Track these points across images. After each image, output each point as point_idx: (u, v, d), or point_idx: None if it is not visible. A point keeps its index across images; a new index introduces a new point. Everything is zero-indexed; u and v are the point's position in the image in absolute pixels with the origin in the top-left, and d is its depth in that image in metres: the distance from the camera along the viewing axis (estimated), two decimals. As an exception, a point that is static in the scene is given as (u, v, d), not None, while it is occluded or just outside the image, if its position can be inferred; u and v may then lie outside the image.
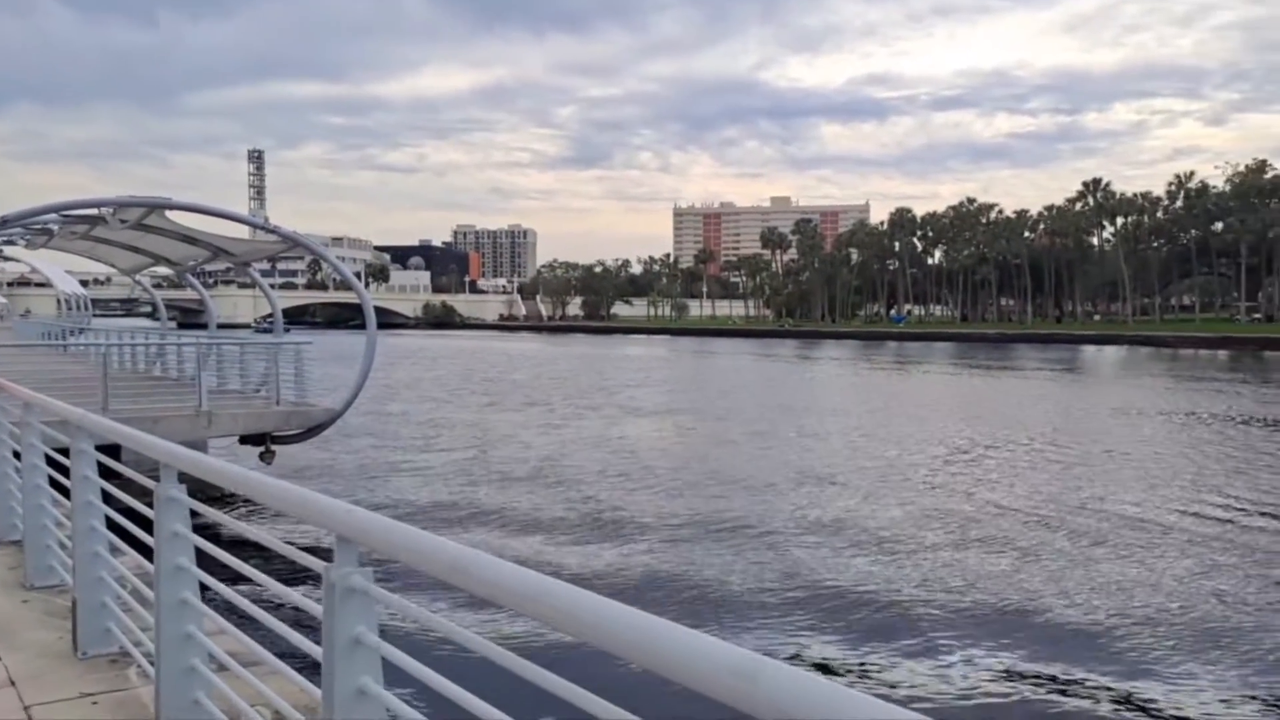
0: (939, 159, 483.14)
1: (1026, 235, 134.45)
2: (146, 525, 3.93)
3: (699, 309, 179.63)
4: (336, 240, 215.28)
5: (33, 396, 6.18)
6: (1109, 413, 35.12)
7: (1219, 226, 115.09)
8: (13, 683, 4.40)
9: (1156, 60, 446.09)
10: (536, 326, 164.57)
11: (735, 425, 31.51)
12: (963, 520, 17.13)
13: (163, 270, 29.72)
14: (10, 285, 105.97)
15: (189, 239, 20.64)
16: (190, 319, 68.28)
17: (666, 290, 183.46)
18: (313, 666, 2.52)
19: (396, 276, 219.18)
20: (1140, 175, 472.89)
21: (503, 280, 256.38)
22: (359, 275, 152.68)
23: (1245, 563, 14.34)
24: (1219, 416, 33.63)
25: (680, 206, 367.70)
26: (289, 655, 3.14)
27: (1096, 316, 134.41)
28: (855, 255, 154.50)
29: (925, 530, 16.37)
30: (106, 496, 4.91)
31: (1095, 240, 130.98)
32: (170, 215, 18.58)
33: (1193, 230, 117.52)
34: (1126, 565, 14.12)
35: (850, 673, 10.03)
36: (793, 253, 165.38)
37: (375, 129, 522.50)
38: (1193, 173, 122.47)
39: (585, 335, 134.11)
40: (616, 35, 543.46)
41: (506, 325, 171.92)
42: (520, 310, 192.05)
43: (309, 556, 2.62)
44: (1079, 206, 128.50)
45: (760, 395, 44.12)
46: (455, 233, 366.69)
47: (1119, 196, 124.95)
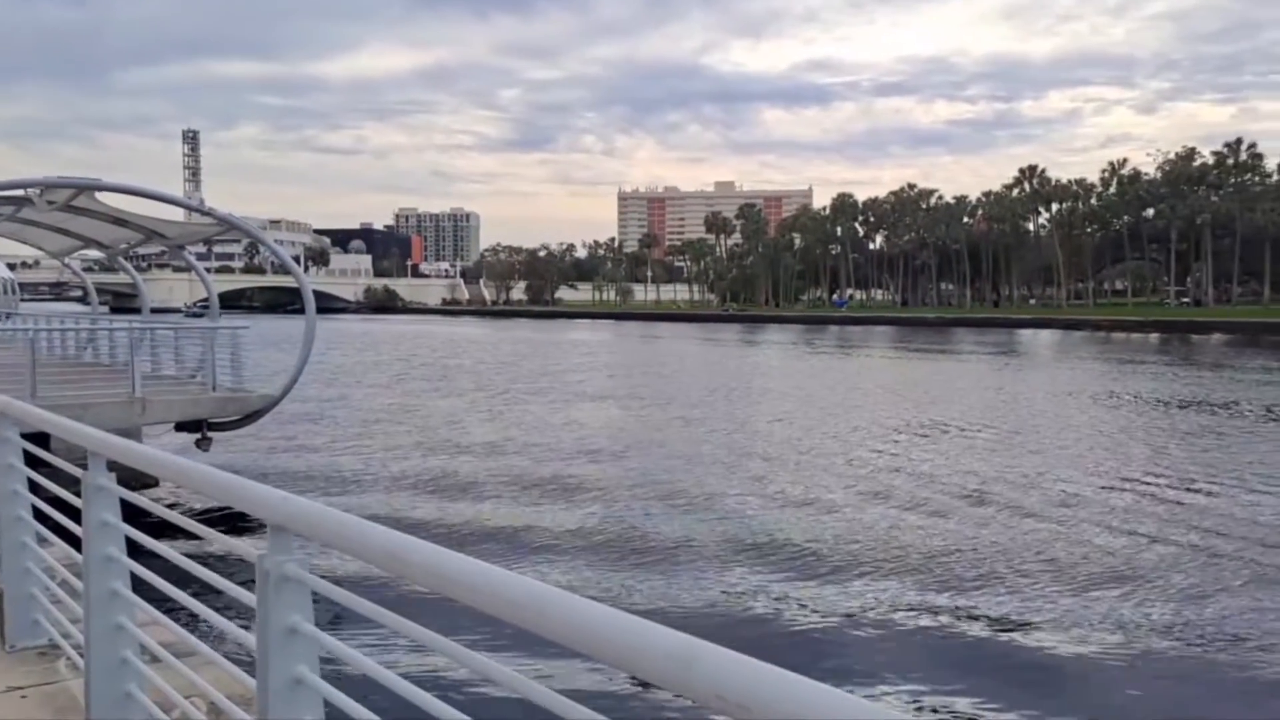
0: (880, 144, 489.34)
1: (965, 221, 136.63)
2: (76, 515, 3.84)
3: (644, 293, 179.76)
4: (274, 223, 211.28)
5: (-46, 383, 5.99)
6: (1045, 396, 35.88)
7: (1150, 213, 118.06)
8: (-64, 678, 4.27)
9: (1090, 49, 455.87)
10: (480, 311, 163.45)
11: (677, 410, 31.65)
12: (896, 499, 17.41)
13: (94, 253, 28.92)
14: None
15: (120, 221, 20.10)
16: (123, 303, 66.63)
17: (611, 275, 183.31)
18: (248, 657, 2.48)
19: (337, 260, 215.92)
20: (1074, 162, 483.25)
21: (446, 264, 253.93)
22: (298, 259, 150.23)
23: (1151, 524, 14.88)
24: (1146, 398, 34.54)
25: (625, 190, 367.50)
26: (224, 646, 3.09)
27: (1032, 301, 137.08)
28: (798, 240, 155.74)
29: (859, 509, 16.60)
30: (34, 486, 4.78)
31: (1031, 226, 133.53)
32: (101, 197, 18.07)
33: (1125, 216, 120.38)
34: (1047, 530, 14.49)
35: (782, 654, 10.14)
36: (737, 237, 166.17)
37: (314, 110, 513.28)
38: (1125, 160, 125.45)
39: (529, 320, 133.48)
40: (560, 16, 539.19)
41: (450, 310, 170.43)
42: (463, 294, 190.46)
43: (242, 545, 2.58)
44: (1015, 193, 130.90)
45: (704, 380, 44.32)
46: (397, 216, 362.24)
47: (1054, 183, 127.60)
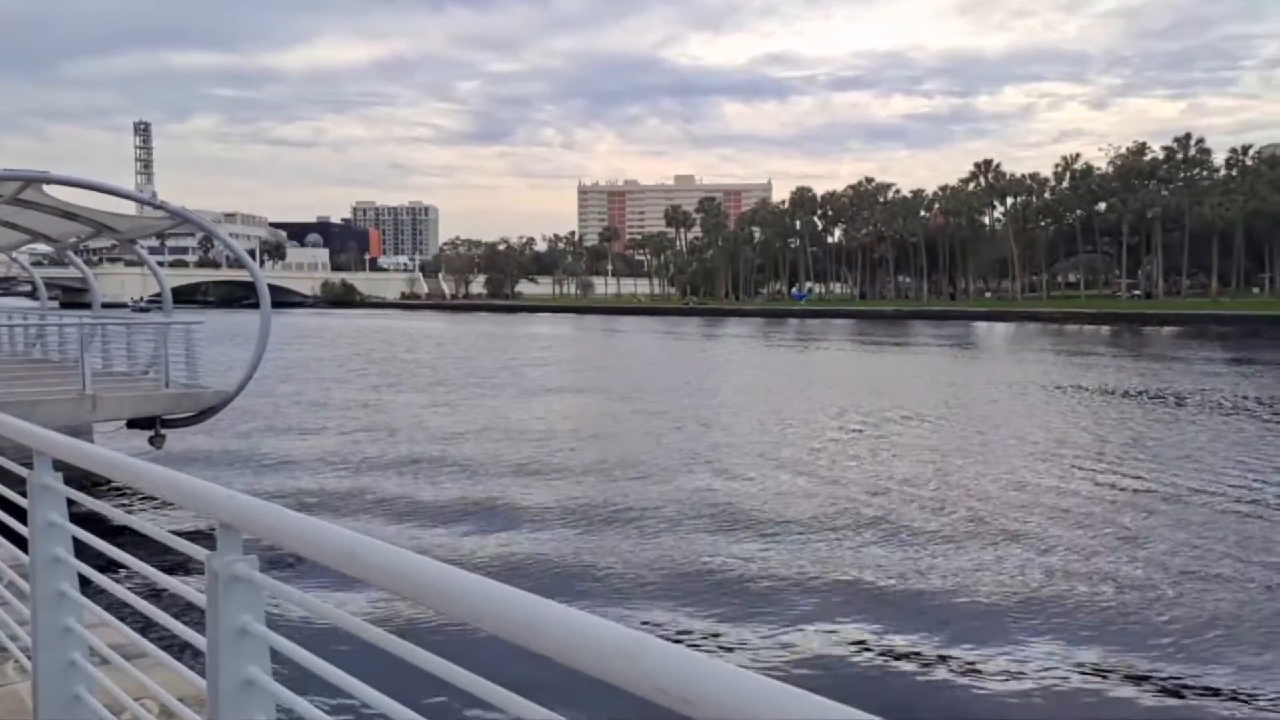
0: (838, 138, 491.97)
1: (922, 214, 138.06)
2: (23, 516, 3.78)
3: (604, 287, 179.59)
4: (229, 216, 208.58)
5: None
6: (1005, 386, 36.40)
7: (1102, 207, 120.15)
8: (-123, 683, 4.18)
9: (1043, 45, 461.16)
10: (440, 305, 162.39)
11: (638, 404, 31.71)
12: (846, 493, 17.59)
13: (42, 248, 28.38)
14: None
15: (70, 215, 19.72)
16: (73, 298, 65.38)
17: (572, 268, 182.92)
18: (200, 658, 2.46)
19: (293, 254, 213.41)
20: (1029, 156, 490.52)
21: (404, 258, 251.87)
22: (253, 253, 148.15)
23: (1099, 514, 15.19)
24: (1097, 389, 35.17)
25: (585, 184, 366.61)
26: (175, 647, 3.05)
27: (988, 294, 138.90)
28: (758, 234, 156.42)
29: (811, 504, 16.75)
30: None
31: (987, 220, 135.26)
32: (49, 190, 17.73)
33: (1078, 210, 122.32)
34: (999, 520, 14.75)
35: (730, 647, 10.22)
36: (697, 231, 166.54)
37: (269, 101, 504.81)
38: (1078, 155, 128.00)
39: (489, 314, 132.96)
40: (518, 9, 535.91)
41: (409, 304, 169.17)
42: (423, 288, 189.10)
43: (192, 545, 2.55)
44: (971, 187, 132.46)
45: (664, 374, 44.45)
46: (355, 209, 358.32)
47: (1009, 177, 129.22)
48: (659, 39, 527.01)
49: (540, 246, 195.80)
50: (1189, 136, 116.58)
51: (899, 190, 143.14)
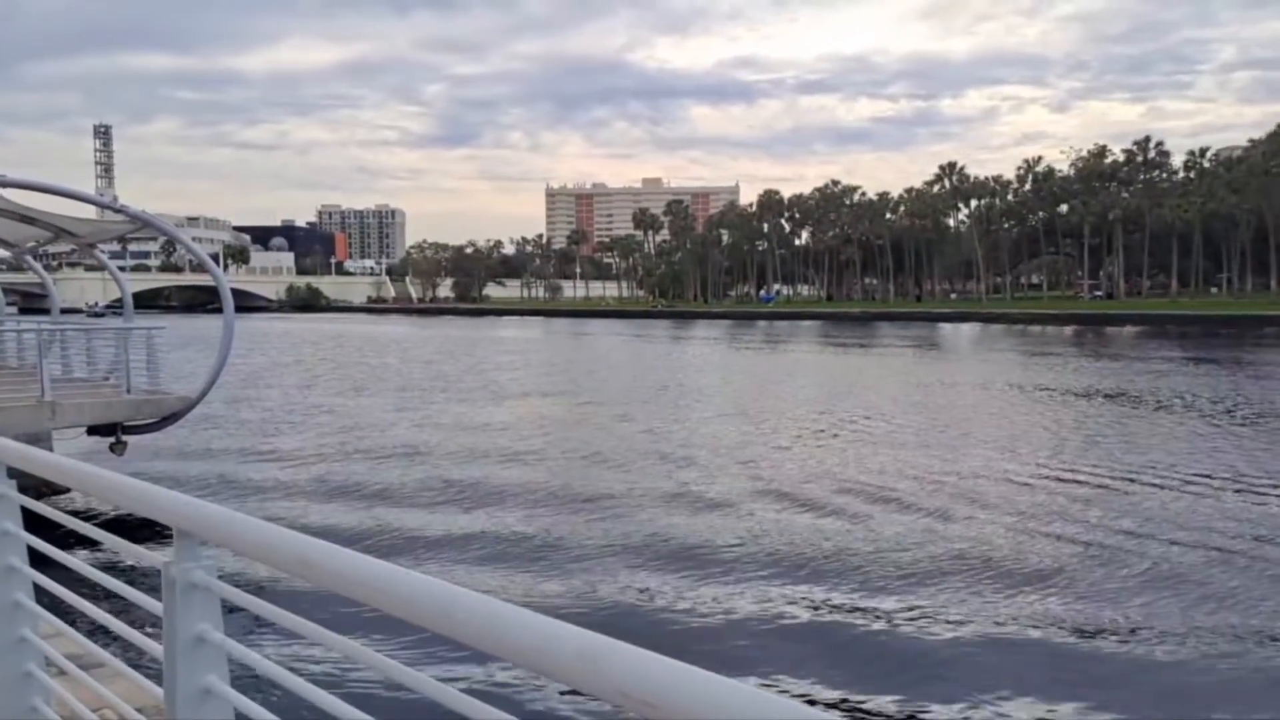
0: (805, 141, 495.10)
1: (888, 217, 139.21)
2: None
3: (573, 290, 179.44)
4: (192, 220, 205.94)
5: None
6: (965, 387, 36.74)
7: (1064, 209, 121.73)
8: None
9: (1005, 49, 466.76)
10: (406, 309, 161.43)
11: (606, 408, 31.68)
12: (815, 491, 17.66)
13: (0, 252, 27.88)
14: None
15: (28, 219, 19.36)
16: (32, 304, 64.29)
17: (540, 271, 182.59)
18: (158, 667, 2.42)
19: (258, 258, 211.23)
20: (992, 159, 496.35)
21: (371, 261, 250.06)
22: (216, 257, 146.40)
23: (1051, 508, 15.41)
24: (1059, 389, 35.58)
25: (552, 187, 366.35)
26: (133, 657, 3.00)
27: (953, 295, 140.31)
28: (726, 236, 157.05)
29: (778, 503, 16.77)
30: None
31: (951, 222, 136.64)
32: (6, 193, 17.40)
33: (1040, 212, 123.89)
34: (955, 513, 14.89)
35: (691, 651, 10.20)
36: (665, 234, 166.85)
37: (232, 104, 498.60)
38: (1040, 157, 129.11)
39: (457, 317, 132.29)
40: (483, 12, 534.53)
41: (375, 308, 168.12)
42: (389, 292, 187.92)
43: (149, 553, 2.51)
44: (936, 189, 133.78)
45: (632, 376, 44.44)
46: (320, 213, 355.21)
47: (973, 180, 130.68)
48: (625, 42, 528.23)
49: (508, 250, 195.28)
50: (1148, 139, 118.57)
51: (865, 193, 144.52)
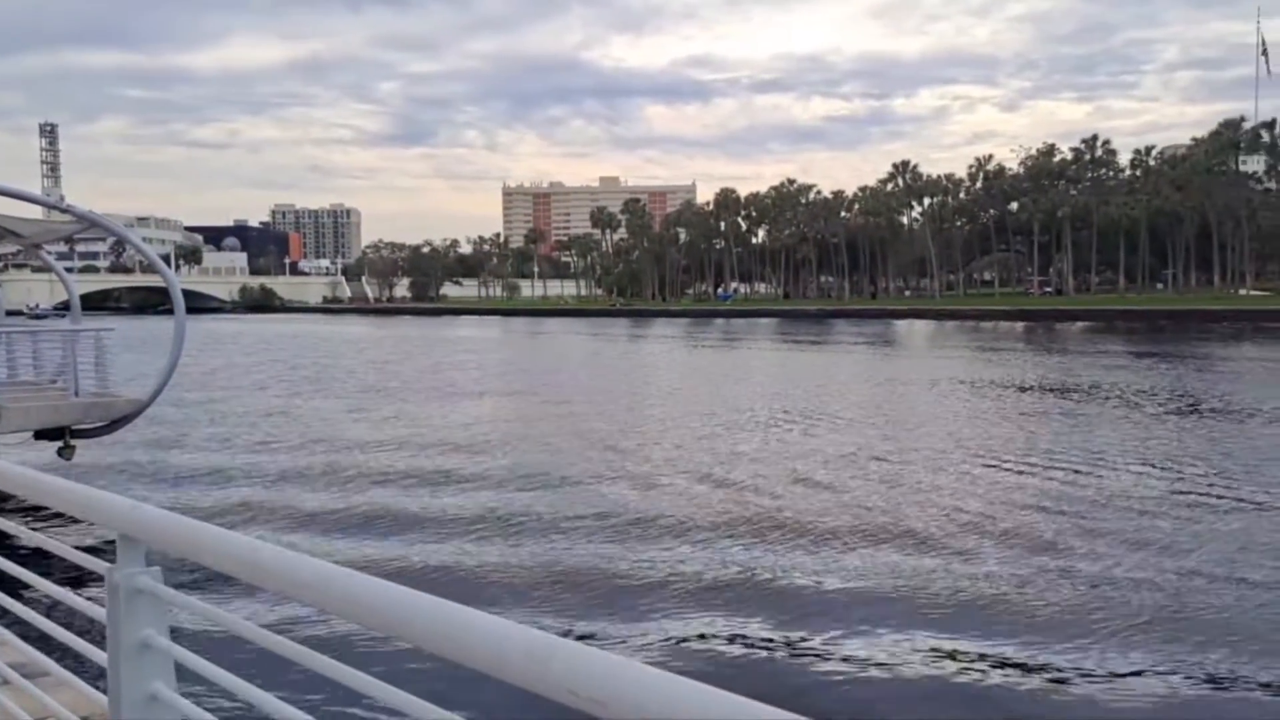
0: (760, 140, 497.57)
1: (843, 215, 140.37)
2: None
3: (531, 289, 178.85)
4: (142, 220, 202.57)
5: None
6: (927, 382, 37.17)
7: (1014, 206, 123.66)
8: None
9: (956, 49, 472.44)
10: (363, 309, 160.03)
11: (568, 407, 31.65)
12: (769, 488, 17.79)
13: (-61, 253, 27.20)
14: None
15: (-32, 219, 18.95)
16: (-26, 306, 62.81)
17: (497, 270, 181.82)
18: (103, 674, 2.37)
19: (210, 258, 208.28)
20: (944, 158, 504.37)
21: (326, 261, 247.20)
22: (168, 258, 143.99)
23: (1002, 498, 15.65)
24: (1004, 382, 36.14)
25: (509, 186, 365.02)
26: (77, 665, 2.94)
27: (908, 292, 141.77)
28: (683, 235, 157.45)
29: (717, 488, 16.89)
30: None
31: (905, 220, 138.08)
32: (-55, 193, 17.01)
33: (991, 210, 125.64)
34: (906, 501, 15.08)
35: (639, 648, 10.17)
36: (623, 232, 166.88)
37: (181, 103, 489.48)
38: (990, 156, 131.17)
39: (414, 317, 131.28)
40: (438, 10, 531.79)
41: (331, 308, 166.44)
42: (345, 292, 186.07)
43: (92, 559, 2.46)
44: (890, 187, 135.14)
45: (590, 376, 44.41)
46: (274, 212, 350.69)
47: (925, 178, 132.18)
48: (580, 40, 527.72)
49: (465, 249, 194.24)
50: (1095, 138, 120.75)
51: (820, 191, 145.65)
